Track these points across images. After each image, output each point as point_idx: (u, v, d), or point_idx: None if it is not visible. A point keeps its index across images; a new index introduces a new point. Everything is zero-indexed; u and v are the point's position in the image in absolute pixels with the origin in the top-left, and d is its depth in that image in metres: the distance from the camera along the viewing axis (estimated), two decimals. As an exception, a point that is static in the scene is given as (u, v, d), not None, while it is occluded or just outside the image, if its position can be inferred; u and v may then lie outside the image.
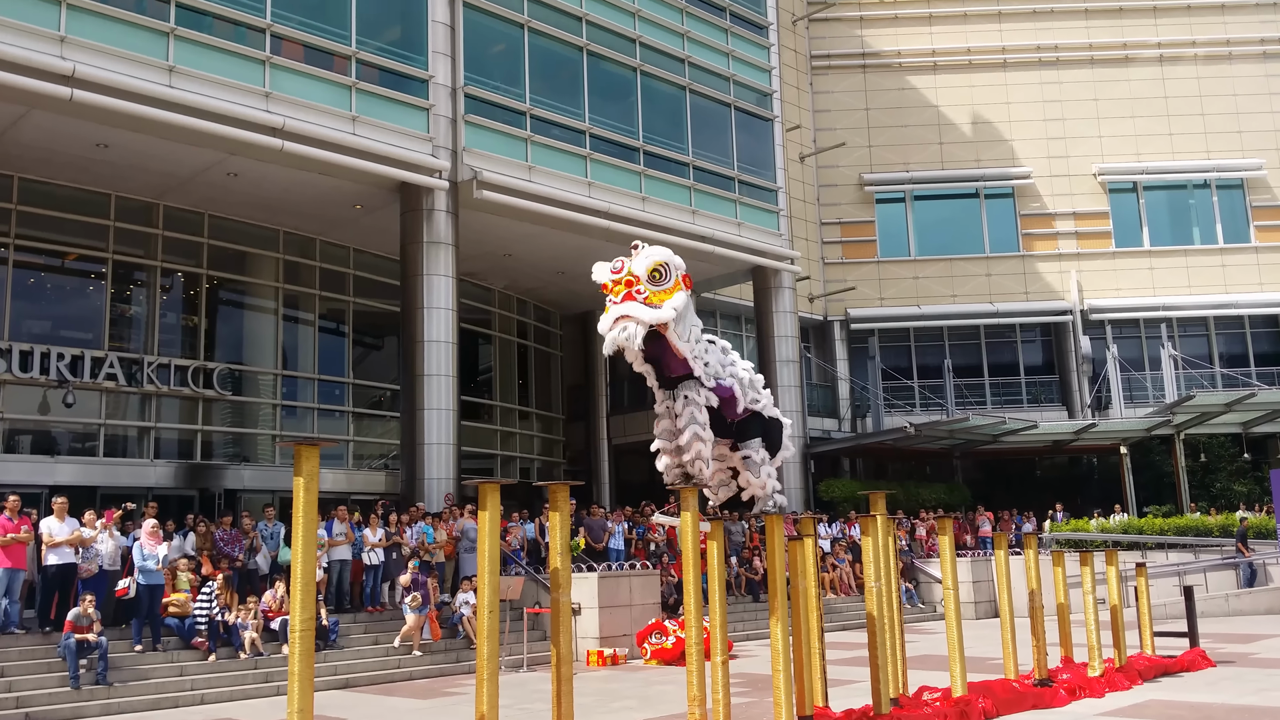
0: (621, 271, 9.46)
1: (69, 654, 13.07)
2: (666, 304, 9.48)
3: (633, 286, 9.43)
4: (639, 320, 9.31)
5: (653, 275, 9.48)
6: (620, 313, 9.33)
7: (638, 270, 9.46)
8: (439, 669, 16.12)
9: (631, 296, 9.34)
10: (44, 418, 20.34)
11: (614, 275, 9.44)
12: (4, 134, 18.34)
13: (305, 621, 6.50)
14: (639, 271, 9.46)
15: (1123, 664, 13.78)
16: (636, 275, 9.44)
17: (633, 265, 9.49)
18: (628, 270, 9.47)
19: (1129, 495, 30.48)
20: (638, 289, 9.41)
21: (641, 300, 9.38)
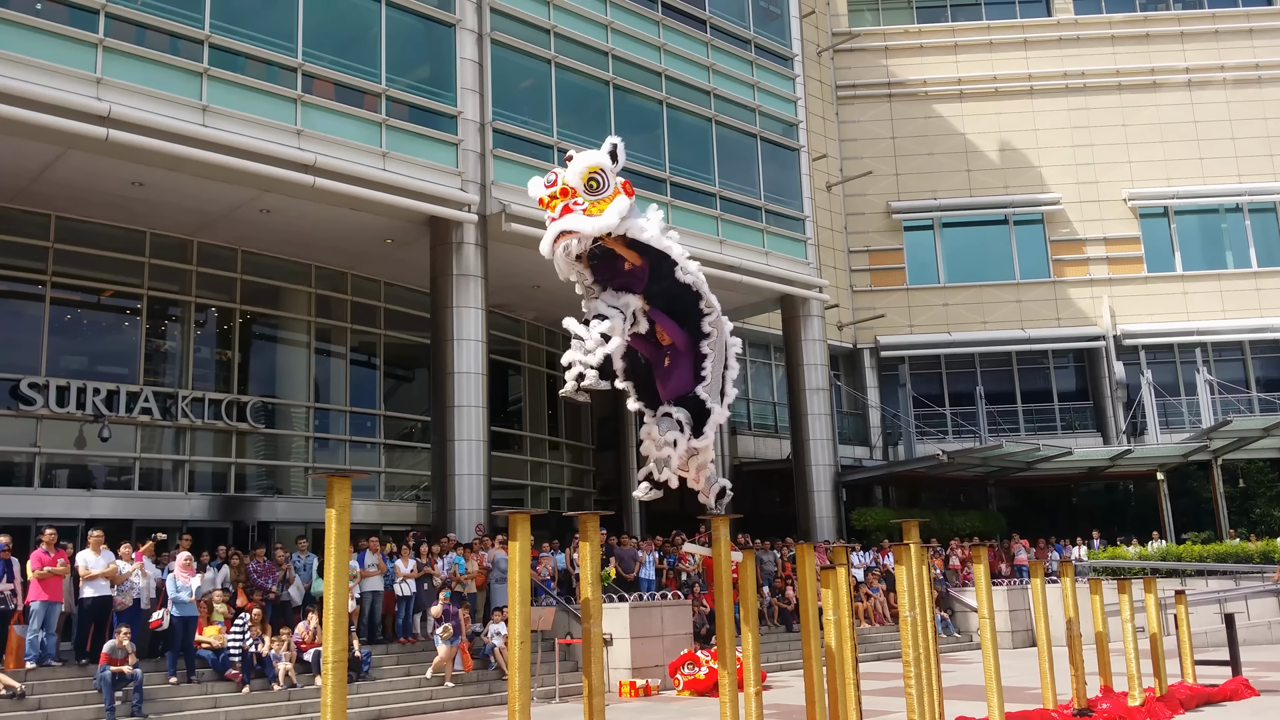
0: (555, 184, 8.59)
1: (105, 686, 13.15)
2: (609, 209, 8.60)
3: (569, 198, 8.55)
4: (581, 233, 8.50)
5: (589, 184, 8.58)
6: (560, 228, 8.49)
7: (571, 181, 8.58)
8: (471, 700, 16.08)
9: (569, 209, 8.51)
10: (80, 452, 20.56)
11: (548, 189, 8.57)
12: (42, 174, 18.67)
13: (338, 653, 6.51)
14: (573, 182, 8.57)
15: (1164, 693, 13.57)
16: (572, 187, 8.57)
17: (566, 176, 8.60)
18: (561, 181, 8.59)
19: (1167, 522, 30.07)
20: (575, 200, 8.55)
21: (581, 211, 8.54)
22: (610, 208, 8.59)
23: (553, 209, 8.49)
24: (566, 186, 8.55)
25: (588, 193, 8.56)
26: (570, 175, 8.56)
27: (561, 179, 8.55)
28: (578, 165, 8.56)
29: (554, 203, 8.45)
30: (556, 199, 8.49)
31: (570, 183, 8.56)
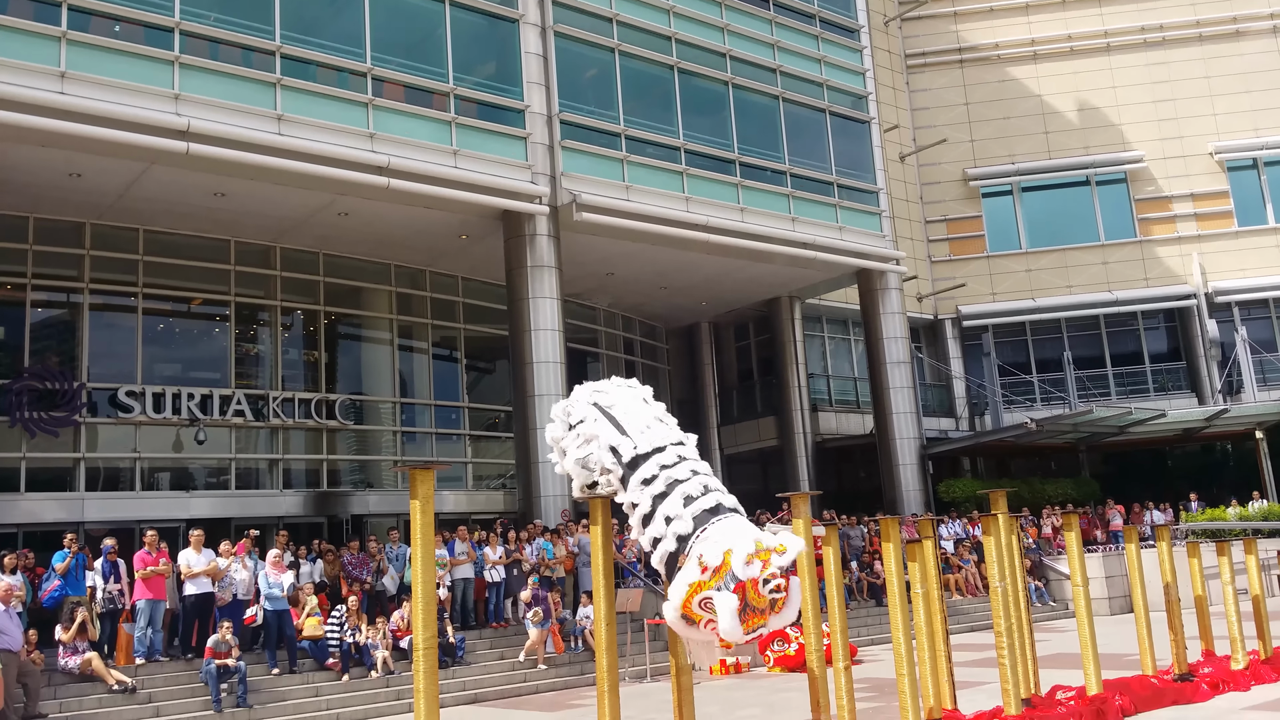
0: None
1: (210, 679, 13.64)
2: None
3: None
4: None
5: None
6: None
7: None
8: (564, 681, 16.33)
9: None
10: (178, 455, 21.28)
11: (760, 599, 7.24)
12: (128, 190, 19.30)
13: (428, 639, 6.70)
14: None
15: (1269, 655, 13.23)
16: None
17: None
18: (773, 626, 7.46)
19: (1267, 481, 29.17)
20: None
21: None
22: None
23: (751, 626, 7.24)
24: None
25: None
26: None
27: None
28: None
29: (754, 621, 7.22)
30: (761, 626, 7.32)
31: None
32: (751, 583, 6.98)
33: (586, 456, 8.22)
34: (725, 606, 6.92)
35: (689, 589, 7.09)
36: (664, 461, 7.77)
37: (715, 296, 30.26)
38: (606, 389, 8.53)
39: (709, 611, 7.05)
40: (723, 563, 7.01)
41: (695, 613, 7.13)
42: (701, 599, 7.06)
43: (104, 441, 20.38)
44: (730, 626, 6.95)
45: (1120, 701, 10.70)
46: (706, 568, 7.05)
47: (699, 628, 7.23)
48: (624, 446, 7.93)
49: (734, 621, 6.94)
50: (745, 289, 29.63)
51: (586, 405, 8.36)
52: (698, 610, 7.11)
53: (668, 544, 7.50)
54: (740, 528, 7.31)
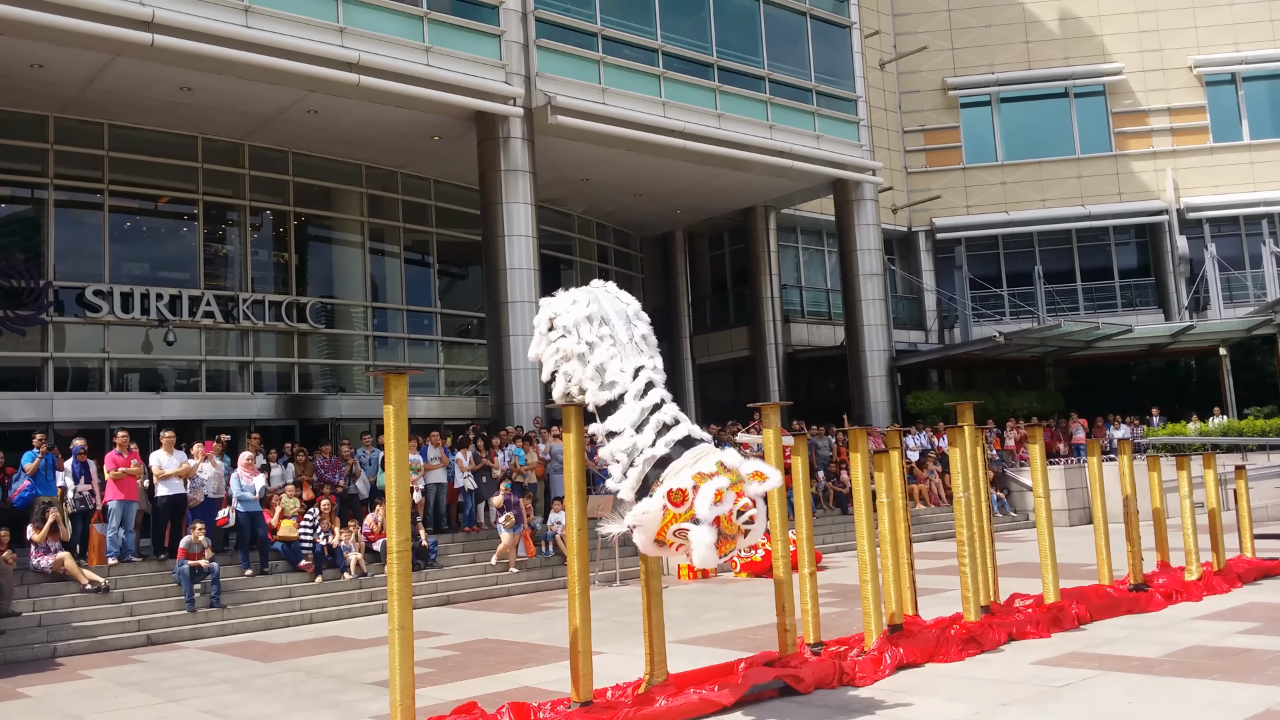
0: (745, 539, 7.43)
1: (184, 579, 13.75)
2: None
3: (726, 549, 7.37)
4: None
5: None
6: None
7: None
8: (535, 584, 16.60)
9: None
10: (148, 356, 21.13)
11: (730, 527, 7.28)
12: (92, 82, 18.81)
13: (402, 542, 6.77)
14: None
15: (1221, 567, 13.59)
16: None
17: None
18: None
19: (1229, 397, 29.69)
20: None
21: None
22: None
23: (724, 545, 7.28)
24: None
25: None
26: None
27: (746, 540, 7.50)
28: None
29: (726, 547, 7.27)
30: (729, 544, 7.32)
31: None
32: (726, 518, 7.11)
33: (567, 374, 8.21)
34: (700, 540, 7.02)
35: (662, 520, 7.19)
36: (637, 390, 7.82)
37: (690, 205, 30.07)
38: (600, 302, 8.41)
39: (682, 539, 7.16)
40: (693, 495, 7.11)
41: (669, 539, 7.25)
42: (676, 529, 7.17)
43: (72, 341, 20.19)
44: (704, 558, 7.05)
45: (1076, 610, 10.98)
46: (681, 500, 7.15)
47: (671, 550, 7.36)
48: (607, 373, 7.95)
49: (709, 554, 7.04)
50: (721, 197, 29.45)
51: (576, 320, 8.28)
52: (671, 538, 7.24)
53: (635, 471, 7.59)
54: (712, 457, 7.38)
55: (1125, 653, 9.35)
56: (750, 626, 11.96)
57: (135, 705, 9.56)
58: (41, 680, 11.01)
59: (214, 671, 11.03)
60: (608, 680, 8.33)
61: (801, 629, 9.17)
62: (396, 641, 6.63)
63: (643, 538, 7.37)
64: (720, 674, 8.47)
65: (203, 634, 13.47)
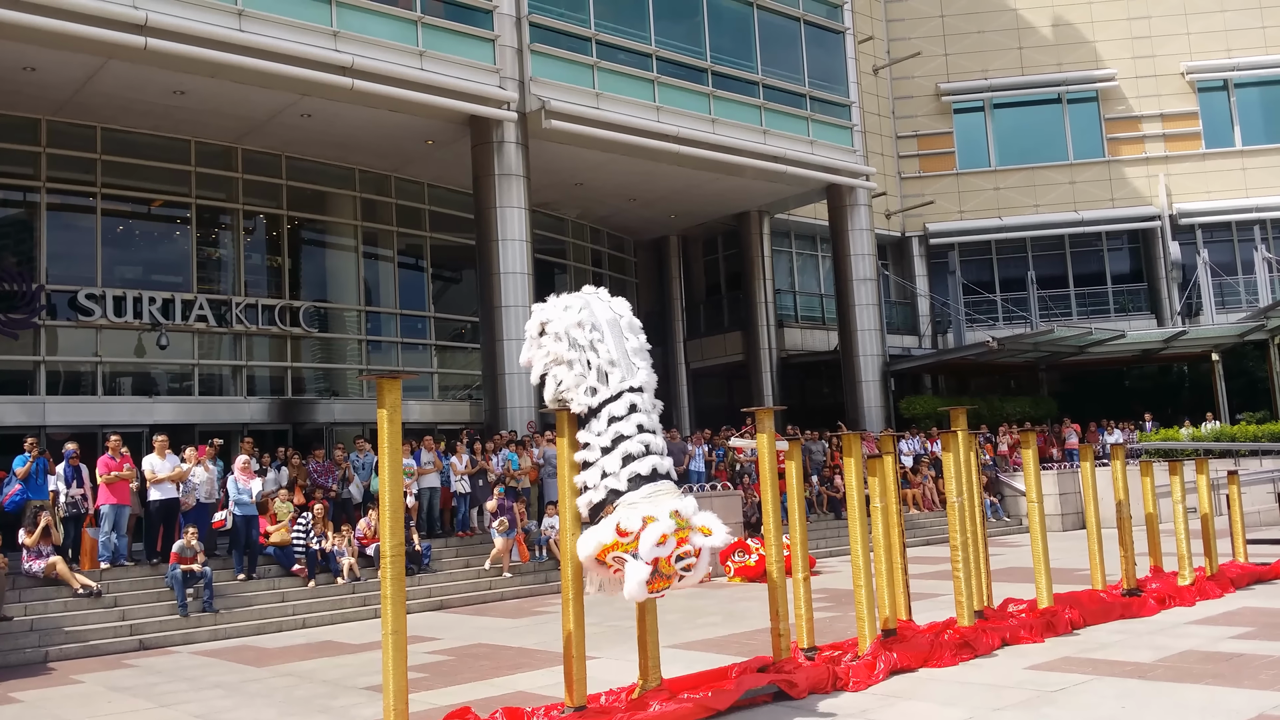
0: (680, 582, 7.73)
1: (176, 584, 13.71)
2: None
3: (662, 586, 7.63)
4: None
5: None
6: None
7: None
8: (528, 589, 16.57)
9: None
10: (141, 360, 21.06)
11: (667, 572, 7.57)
12: (85, 86, 18.77)
13: (395, 547, 6.75)
14: None
15: (1214, 572, 13.60)
16: None
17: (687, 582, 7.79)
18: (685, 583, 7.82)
19: (1221, 403, 29.76)
20: None
21: None
22: None
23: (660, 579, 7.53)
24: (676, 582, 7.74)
25: None
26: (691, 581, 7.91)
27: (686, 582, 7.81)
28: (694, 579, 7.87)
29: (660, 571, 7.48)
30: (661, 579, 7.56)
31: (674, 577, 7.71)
32: (666, 560, 7.43)
33: (556, 378, 8.23)
34: (634, 576, 7.31)
35: (604, 546, 7.45)
36: (614, 413, 7.90)
37: (684, 210, 30.09)
38: (592, 308, 8.41)
39: (619, 566, 7.43)
40: (639, 531, 7.37)
41: (609, 561, 7.51)
42: (615, 555, 7.42)
43: (64, 345, 20.14)
44: (634, 592, 7.36)
45: (1070, 614, 10.99)
46: (625, 533, 7.39)
47: (608, 572, 7.60)
48: (591, 383, 7.98)
49: (640, 589, 7.37)
50: (714, 202, 29.46)
51: (567, 326, 8.28)
52: (611, 561, 7.49)
53: (595, 494, 7.76)
54: (666, 503, 7.61)
55: (1119, 658, 9.36)
56: (744, 631, 11.95)
57: (127, 710, 9.52)
58: (33, 685, 10.96)
59: (206, 676, 11.00)
60: (602, 685, 8.31)
61: (795, 634, 9.17)
62: (390, 646, 6.61)
63: (585, 553, 7.56)
64: (714, 679, 8.46)
65: (195, 638, 13.41)
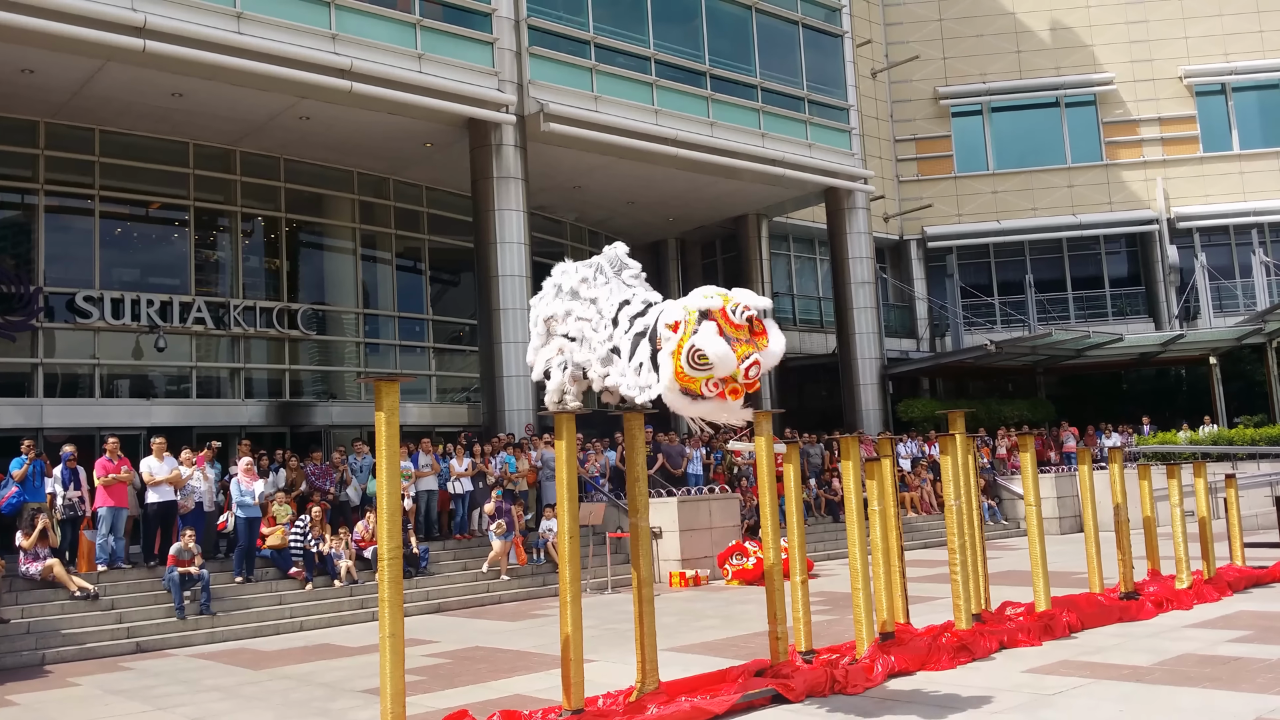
0: (749, 380, 7.33)
1: (173, 586, 13.69)
2: None
3: (741, 395, 7.37)
4: None
5: None
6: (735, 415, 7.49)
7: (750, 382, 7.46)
8: (526, 592, 16.56)
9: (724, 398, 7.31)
10: (138, 362, 21.05)
11: (746, 382, 7.31)
12: (83, 88, 18.77)
13: (392, 550, 6.75)
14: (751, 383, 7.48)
15: (1211, 575, 13.60)
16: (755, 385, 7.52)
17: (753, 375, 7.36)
18: (752, 378, 7.36)
19: (1219, 406, 29.79)
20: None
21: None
22: None
23: (726, 387, 7.25)
24: (748, 385, 7.38)
25: None
26: (755, 376, 7.39)
27: (754, 375, 7.33)
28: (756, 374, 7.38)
29: (727, 385, 7.21)
30: (731, 387, 7.24)
31: (749, 384, 7.39)
32: (719, 312, 7.10)
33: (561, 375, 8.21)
34: (707, 332, 6.99)
35: (671, 359, 7.13)
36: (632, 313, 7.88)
37: (683, 213, 30.10)
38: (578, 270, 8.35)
39: (700, 365, 7.04)
40: (686, 315, 7.17)
41: (689, 374, 7.10)
42: (687, 353, 7.08)
43: (62, 347, 20.12)
44: (719, 350, 6.96)
45: (1067, 618, 10.98)
46: (677, 326, 7.17)
47: (702, 392, 7.17)
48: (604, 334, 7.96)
49: (720, 343, 6.98)
50: (713, 206, 29.48)
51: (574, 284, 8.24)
52: (690, 370, 7.08)
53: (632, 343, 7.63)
54: (692, 296, 7.40)
55: (1116, 661, 9.36)
56: (742, 634, 11.94)
57: (124, 713, 9.51)
58: (29, 688, 10.94)
59: (203, 679, 10.98)
60: (599, 688, 8.30)
61: (793, 637, 9.16)
62: (387, 649, 6.60)
63: (669, 393, 7.21)
64: (712, 682, 8.45)
65: (192, 641, 13.40)
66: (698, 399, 7.22)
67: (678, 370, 7.15)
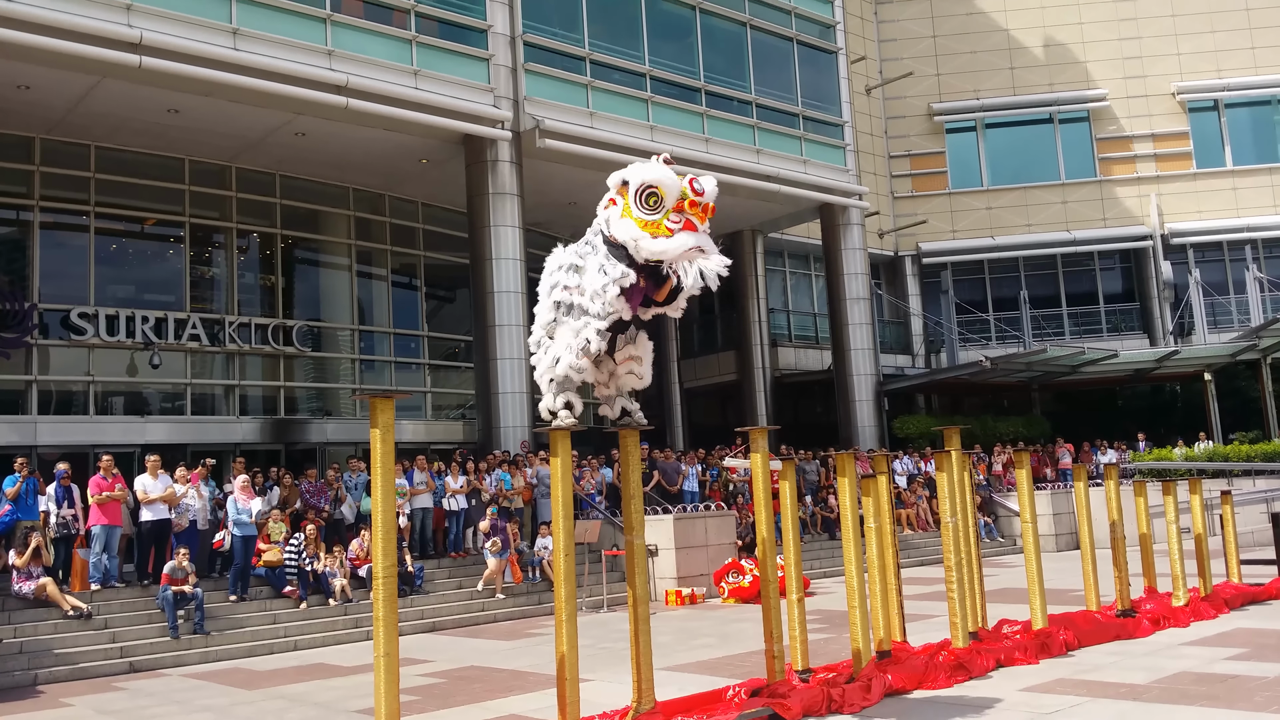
0: (704, 196, 7.79)
1: (167, 605, 13.62)
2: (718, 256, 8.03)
3: (703, 218, 7.79)
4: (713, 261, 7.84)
5: None
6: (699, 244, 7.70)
7: (711, 202, 7.89)
8: (521, 611, 16.49)
9: (694, 227, 7.69)
10: (133, 379, 21.00)
11: (695, 194, 7.76)
12: (78, 104, 18.77)
13: (387, 568, 6.71)
14: (711, 203, 7.89)
15: (1208, 593, 13.59)
16: (711, 208, 7.89)
17: (710, 196, 7.87)
18: (709, 198, 7.84)
19: (1214, 423, 29.81)
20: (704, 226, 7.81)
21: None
22: None
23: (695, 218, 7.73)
24: (711, 206, 7.84)
25: None
26: (711, 196, 7.90)
27: (710, 195, 7.85)
28: (712, 192, 7.91)
29: (690, 210, 7.72)
30: (696, 210, 7.74)
31: (710, 204, 7.87)
32: None
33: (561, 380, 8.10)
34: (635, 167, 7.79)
35: (626, 218, 7.70)
36: None
37: (677, 228, 30.08)
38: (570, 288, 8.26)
39: (651, 202, 7.62)
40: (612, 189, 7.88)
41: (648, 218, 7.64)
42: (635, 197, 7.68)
43: (56, 364, 20.06)
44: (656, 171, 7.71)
45: (1064, 635, 10.96)
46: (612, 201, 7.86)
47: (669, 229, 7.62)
48: None
49: (655, 166, 7.76)
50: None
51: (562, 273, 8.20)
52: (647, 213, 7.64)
53: None
54: None
55: (1113, 679, 9.33)
56: (738, 653, 11.90)
57: (116, 733, 9.44)
58: (22, 709, 10.87)
59: (196, 699, 10.91)
60: (595, 708, 8.26)
61: (790, 655, 9.13)
62: (382, 669, 6.56)
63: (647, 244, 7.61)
64: (708, 701, 8.41)
65: (186, 661, 13.32)
66: (671, 239, 7.60)
67: (639, 223, 7.63)
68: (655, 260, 7.74)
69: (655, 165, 7.77)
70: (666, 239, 7.59)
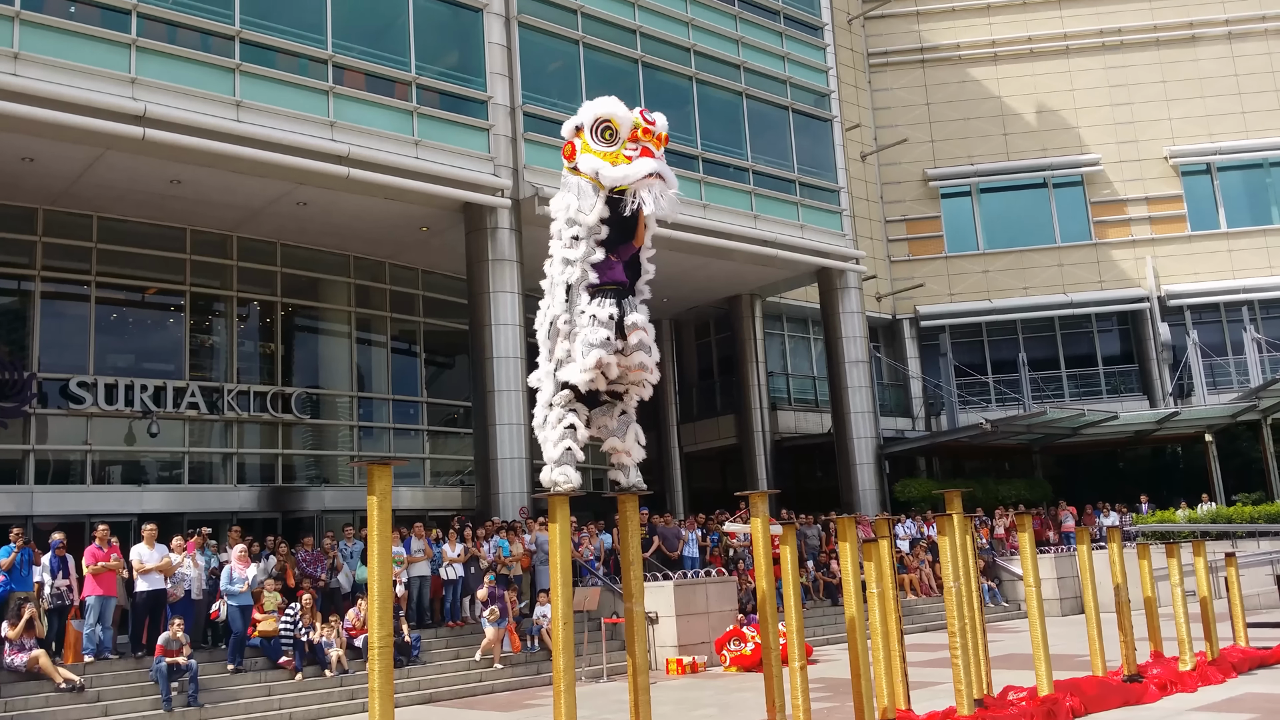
0: (656, 125, 8.19)
1: (160, 677, 13.43)
2: None
3: (659, 146, 8.17)
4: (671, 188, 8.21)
5: None
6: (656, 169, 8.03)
7: (664, 132, 8.27)
8: (520, 681, 16.26)
9: (650, 154, 8.06)
10: (130, 448, 20.93)
11: (646, 123, 8.14)
12: (82, 176, 18.96)
13: (383, 638, 6.63)
14: (663, 133, 8.28)
15: (1215, 657, 13.44)
16: (664, 137, 8.25)
17: (661, 126, 8.26)
18: (661, 129, 8.23)
19: (1216, 484, 29.67)
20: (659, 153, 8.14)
21: None
22: None
23: (651, 145, 8.17)
24: (664, 135, 8.32)
25: None
26: (663, 127, 8.37)
27: (661, 126, 8.33)
28: (663, 124, 8.37)
29: (645, 138, 8.17)
30: (650, 138, 8.19)
31: (663, 134, 8.34)
32: None
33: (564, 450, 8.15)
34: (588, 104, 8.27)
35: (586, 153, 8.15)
36: None
37: (676, 294, 30.25)
38: None
39: (606, 134, 8.07)
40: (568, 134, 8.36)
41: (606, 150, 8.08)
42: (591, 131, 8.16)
43: (54, 433, 20.00)
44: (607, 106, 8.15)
45: (1071, 702, 10.81)
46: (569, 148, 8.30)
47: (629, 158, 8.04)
48: None
49: (608, 100, 8.15)
50: (706, 286, 29.66)
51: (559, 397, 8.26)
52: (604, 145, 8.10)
53: None
54: None
55: (1122, 747, 9.18)
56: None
57: (106, 810, 9.25)
58: (10, 784, 10.67)
59: (189, 773, 10.71)
60: (594, 780, 8.11)
61: (792, 725, 8.98)
62: (377, 742, 6.45)
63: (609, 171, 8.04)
64: (710, 773, 8.26)
65: (179, 734, 13.11)
66: (631, 165, 8.02)
67: (598, 154, 8.07)
68: (618, 189, 8.10)
69: (605, 100, 8.19)
70: (626, 165, 8.04)
